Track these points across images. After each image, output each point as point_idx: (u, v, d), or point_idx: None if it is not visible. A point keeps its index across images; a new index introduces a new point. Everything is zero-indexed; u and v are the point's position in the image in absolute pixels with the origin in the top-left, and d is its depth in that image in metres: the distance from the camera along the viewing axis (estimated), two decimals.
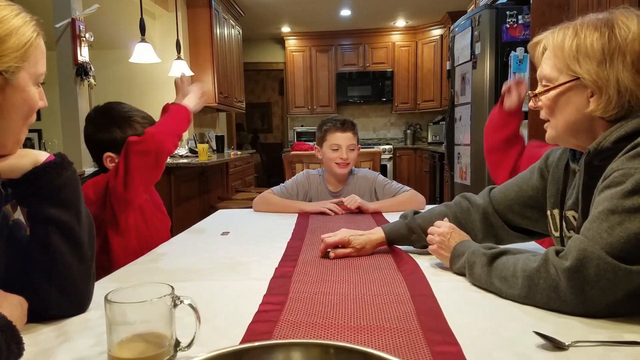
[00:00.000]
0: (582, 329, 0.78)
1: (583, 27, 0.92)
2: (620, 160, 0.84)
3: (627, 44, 0.87)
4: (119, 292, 0.68)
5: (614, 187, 0.82)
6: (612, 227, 0.79)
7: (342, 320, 0.83)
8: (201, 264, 1.24)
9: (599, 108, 0.90)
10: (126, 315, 0.66)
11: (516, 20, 3.02)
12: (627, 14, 0.90)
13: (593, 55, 0.89)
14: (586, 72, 0.90)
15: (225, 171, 4.75)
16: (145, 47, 3.50)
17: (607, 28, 0.89)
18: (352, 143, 2.05)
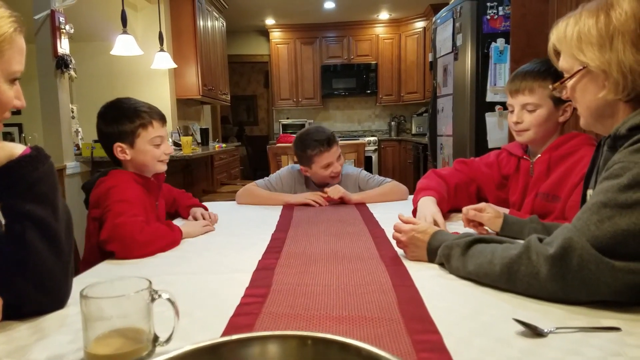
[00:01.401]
0: (561, 315, 0.79)
1: (582, 15, 0.92)
2: (622, 153, 0.83)
3: (622, 24, 0.86)
4: (95, 287, 0.67)
5: (612, 179, 0.81)
6: (601, 221, 0.78)
7: (324, 311, 0.83)
8: (184, 257, 1.24)
9: (610, 91, 0.89)
10: (103, 310, 0.65)
11: (497, 12, 3.04)
12: None
13: (593, 40, 0.89)
14: (590, 59, 0.89)
15: (210, 164, 4.72)
16: (127, 39, 3.44)
17: (603, 12, 0.88)
18: (339, 154, 2.03)
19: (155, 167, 1.50)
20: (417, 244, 1.11)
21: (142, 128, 1.45)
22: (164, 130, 1.52)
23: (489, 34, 3.06)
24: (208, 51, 5.08)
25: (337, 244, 1.31)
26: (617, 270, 0.76)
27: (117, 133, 1.44)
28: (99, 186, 1.40)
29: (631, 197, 0.77)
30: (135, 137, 1.44)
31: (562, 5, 2.17)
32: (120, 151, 1.45)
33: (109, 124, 1.45)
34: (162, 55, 4.04)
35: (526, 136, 1.44)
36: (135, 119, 1.44)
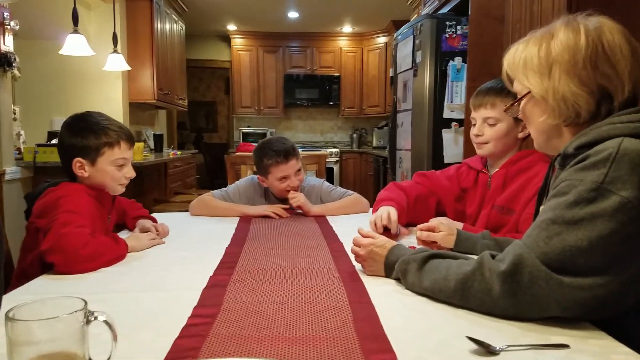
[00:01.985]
0: (513, 332, 0.79)
1: (529, 42, 0.95)
2: (569, 171, 0.85)
3: (558, 54, 0.89)
4: (24, 307, 0.61)
5: (560, 196, 0.83)
6: (550, 237, 0.80)
7: (277, 332, 0.79)
8: (127, 273, 1.16)
9: (550, 117, 0.93)
10: (31, 333, 0.59)
11: (455, 31, 3.12)
12: (563, 23, 0.92)
13: (534, 68, 0.93)
14: (532, 85, 0.93)
15: (164, 172, 4.57)
16: (78, 38, 3.29)
17: (545, 41, 0.92)
18: (298, 168, 1.95)
19: (113, 189, 1.43)
20: (375, 258, 1.09)
21: (108, 147, 1.37)
22: (130, 153, 1.44)
23: (447, 52, 3.13)
24: (165, 54, 4.95)
25: (295, 258, 1.28)
26: (566, 286, 0.77)
27: (80, 147, 1.35)
28: (46, 195, 1.31)
29: (577, 213, 0.79)
30: (99, 155, 1.36)
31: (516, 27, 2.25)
32: (79, 167, 1.36)
33: (73, 136, 1.36)
34: (115, 56, 3.90)
35: (486, 149, 1.49)
36: (102, 136, 1.36)
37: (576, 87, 0.88)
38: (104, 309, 0.65)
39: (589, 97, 0.88)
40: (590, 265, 0.77)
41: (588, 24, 0.90)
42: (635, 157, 0.78)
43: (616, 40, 0.88)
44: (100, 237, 1.24)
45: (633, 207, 0.76)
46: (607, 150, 0.80)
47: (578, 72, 0.88)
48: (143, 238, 1.42)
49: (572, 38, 0.89)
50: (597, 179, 0.79)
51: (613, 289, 0.77)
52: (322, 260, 1.25)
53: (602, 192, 0.78)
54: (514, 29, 2.30)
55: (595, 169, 0.80)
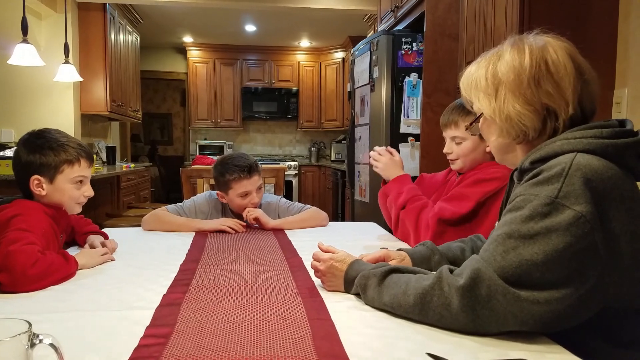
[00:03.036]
0: (472, 347, 0.80)
1: (481, 63, 0.97)
2: (524, 186, 0.86)
3: (503, 74, 0.91)
4: None
5: (515, 211, 0.84)
6: (506, 251, 0.80)
7: (234, 352, 0.77)
8: (75, 291, 1.11)
9: (500, 136, 0.96)
10: None
11: (411, 47, 3.20)
12: (510, 44, 0.94)
13: (483, 90, 0.95)
14: (483, 106, 0.96)
15: (116, 185, 4.42)
16: (27, 48, 3.17)
17: (492, 62, 0.94)
18: (260, 184, 1.93)
19: (70, 208, 1.39)
20: (334, 273, 1.08)
21: (68, 164, 1.33)
22: (89, 172, 1.40)
23: (404, 68, 3.20)
24: (119, 66, 4.83)
25: (252, 274, 1.25)
26: (523, 301, 0.78)
27: (38, 164, 1.30)
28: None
29: (533, 227, 0.79)
30: (58, 173, 1.32)
31: (470, 45, 2.34)
32: (36, 185, 1.31)
33: (31, 153, 1.30)
34: (66, 67, 3.77)
35: (457, 165, 1.61)
36: (62, 153, 1.32)
37: (521, 106, 0.90)
38: (50, 330, 0.61)
39: (533, 116, 0.90)
40: (546, 279, 0.78)
41: (533, 44, 0.92)
42: (587, 172, 0.80)
43: (560, 59, 0.89)
44: (51, 254, 1.18)
45: (586, 222, 0.77)
46: (560, 165, 0.81)
47: (523, 91, 0.90)
48: (93, 255, 1.36)
49: (517, 58, 0.91)
50: (551, 193, 0.80)
51: (569, 303, 0.78)
52: (281, 276, 1.23)
53: (556, 206, 0.79)
54: (468, 46, 2.39)
55: (549, 183, 0.81)
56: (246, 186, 1.88)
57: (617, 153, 0.84)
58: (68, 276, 1.20)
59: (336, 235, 1.81)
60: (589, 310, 0.81)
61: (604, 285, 0.79)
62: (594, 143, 0.84)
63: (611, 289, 0.80)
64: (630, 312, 0.83)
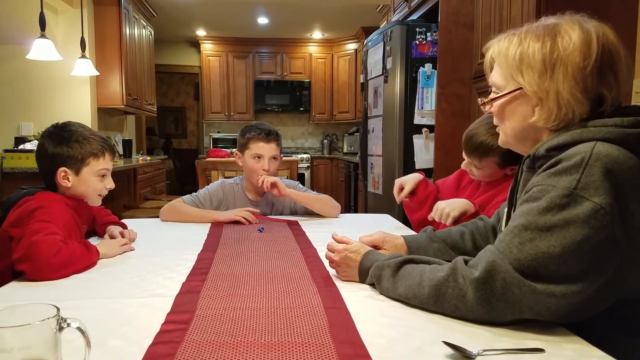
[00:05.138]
0: (487, 336, 0.80)
1: (528, 36, 0.89)
2: (542, 176, 0.83)
3: (568, 54, 0.84)
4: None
5: (532, 202, 0.81)
6: (522, 244, 0.79)
7: (252, 338, 0.79)
8: (98, 280, 1.14)
9: (542, 119, 0.89)
10: (3, 340, 0.57)
11: (425, 37, 3.18)
12: (572, 22, 0.87)
13: (535, 66, 0.87)
14: (528, 83, 0.88)
15: (133, 178, 4.48)
16: (46, 43, 3.21)
17: (549, 37, 0.86)
18: (275, 154, 1.98)
19: (92, 200, 1.43)
20: (349, 263, 1.09)
21: (93, 157, 1.37)
22: (111, 165, 1.45)
23: (418, 59, 3.18)
24: (134, 60, 4.87)
25: (268, 264, 1.27)
26: (538, 294, 0.77)
27: (65, 157, 1.34)
28: (22, 205, 1.28)
29: (550, 219, 0.77)
30: (84, 165, 1.36)
31: (486, 34, 2.31)
32: (63, 176, 1.35)
33: (57, 145, 1.34)
34: (83, 61, 3.82)
35: (478, 178, 1.64)
36: (87, 146, 1.37)
37: (578, 91, 0.84)
38: (75, 316, 0.63)
39: (587, 103, 0.85)
40: (562, 272, 0.76)
41: (593, 27, 0.86)
42: (607, 162, 0.77)
43: (618, 47, 0.86)
44: (73, 243, 1.22)
45: (605, 214, 0.75)
46: (580, 155, 0.79)
47: (584, 77, 0.84)
48: (114, 245, 1.40)
49: (584, 40, 0.84)
50: (569, 184, 0.78)
51: (585, 297, 0.76)
52: (296, 266, 1.25)
53: (575, 198, 0.77)
54: (483, 35, 2.37)
55: (567, 174, 0.79)
56: (261, 149, 1.95)
57: (638, 142, 0.81)
58: (90, 265, 1.24)
59: (349, 227, 1.82)
60: (606, 302, 0.80)
61: (621, 278, 0.78)
62: (614, 132, 0.81)
63: (629, 281, 0.79)
64: None
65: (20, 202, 1.29)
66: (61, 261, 1.14)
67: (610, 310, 0.81)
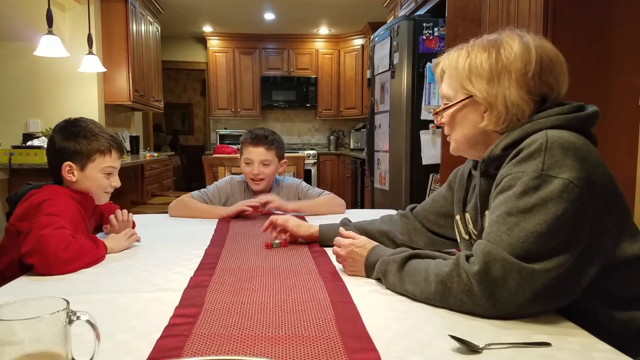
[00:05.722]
0: (493, 331, 0.80)
1: (475, 48, 0.99)
2: (508, 167, 0.90)
3: (510, 62, 0.94)
4: (5, 307, 0.61)
5: (506, 191, 0.88)
6: (510, 229, 0.83)
7: (259, 331, 0.80)
8: (106, 274, 1.15)
9: (491, 123, 0.97)
10: (13, 333, 0.58)
11: (432, 32, 3.17)
12: (512, 35, 0.98)
13: (483, 74, 0.96)
14: (478, 90, 0.97)
15: (140, 174, 4.51)
16: (53, 39, 3.23)
17: (494, 49, 0.97)
18: (265, 158, 1.97)
19: (98, 197, 1.44)
20: (355, 258, 1.10)
21: (100, 154, 1.39)
22: (119, 163, 1.46)
23: (425, 54, 3.17)
24: (141, 56, 4.89)
25: (275, 259, 1.28)
26: (537, 273, 0.80)
27: (72, 151, 1.36)
28: (29, 198, 1.29)
29: (529, 201, 0.83)
30: (89, 161, 1.38)
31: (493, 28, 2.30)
32: (68, 171, 1.37)
33: (65, 140, 1.37)
34: (90, 58, 3.84)
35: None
36: (95, 143, 1.38)
37: (524, 94, 0.94)
38: (84, 310, 0.64)
39: (531, 104, 0.95)
40: (551, 247, 0.81)
41: (532, 38, 0.97)
42: (563, 143, 0.86)
43: (557, 53, 0.97)
44: (81, 238, 1.23)
45: (575, 187, 0.82)
46: (538, 142, 0.87)
47: (527, 81, 0.94)
48: (120, 238, 1.40)
49: (524, 49, 0.94)
50: (536, 167, 0.85)
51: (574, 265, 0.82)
52: (303, 261, 1.25)
53: (545, 178, 0.84)
54: (491, 30, 2.35)
55: (532, 159, 0.86)
56: (249, 153, 1.98)
57: (580, 124, 0.92)
58: (98, 259, 1.25)
59: None
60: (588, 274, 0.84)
61: (595, 246, 0.84)
62: (560, 119, 0.91)
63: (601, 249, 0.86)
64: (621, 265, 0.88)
65: (27, 196, 1.31)
66: (70, 255, 1.15)
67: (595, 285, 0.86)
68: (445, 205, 1.24)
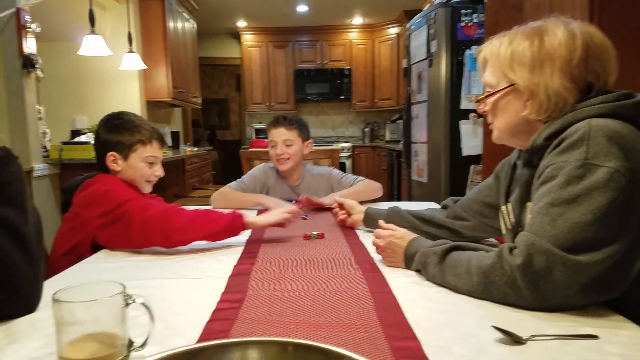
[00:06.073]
0: (537, 323, 0.79)
1: (517, 36, 0.98)
2: (550, 157, 0.89)
3: (554, 50, 0.92)
4: (67, 291, 0.65)
5: (549, 181, 0.86)
6: (554, 220, 0.82)
7: (301, 317, 0.82)
8: (157, 262, 1.21)
9: (533, 111, 0.96)
10: (75, 315, 0.63)
11: (471, 19, 3.10)
12: (557, 22, 0.96)
13: (525, 62, 0.95)
14: (520, 78, 0.96)
15: (182, 168, 4.63)
16: (95, 39, 3.36)
17: (537, 37, 0.95)
18: (286, 138, 2.02)
19: (141, 186, 1.51)
20: (394, 249, 1.11)
21: (141, 144, 1.47)
22: (160, 153, 1.54)
23: (464, 41, 3.11)
24: (178, 53, 5.00)
25: (313, 250, 1.30)
26: (584, 265, 0.78)
27: (115, 142, 1.45)
28: (87, 188, 1.38)
29: (573, 191, 0.82)
30: (131, 151, 1.46)
31: (535, 14, 2.23)
32: (112, 160, 1.46)
33: (108, 132, 1.46)
34: (131, 56, 3.96)
35: None
36: (136, 134, 1.47)
37: (567, 82, 0.92)
38: None
39: (575, 92, 0.93)
40: (598, 238, 0.79)
41: (577, 25, 0.95)
42: (607, 130, 0.83)
43: (604, 40, 0.94)
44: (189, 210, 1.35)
45: (621, 175, 0.80)
46: (580, 130, 0.85)
47: (571, 69, 0.92)
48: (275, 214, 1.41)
49: (569, 35, 0.92)
50: (580, 156, 0.83)
51: (622, 257, 0.79)
52: (341, 252, 1.27)
53: (589, 167, 0.82)
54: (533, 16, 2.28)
55: (575, 148, 0.84)
56: (273, 135, 2.06)
57: (626, 112, 0.88)
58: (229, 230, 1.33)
59: None
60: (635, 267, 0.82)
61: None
62: (604, 107, 0.88)
63: None
64: None
65: (84, 185, 1.39)
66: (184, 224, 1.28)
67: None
68: (490, 195, 1.23)
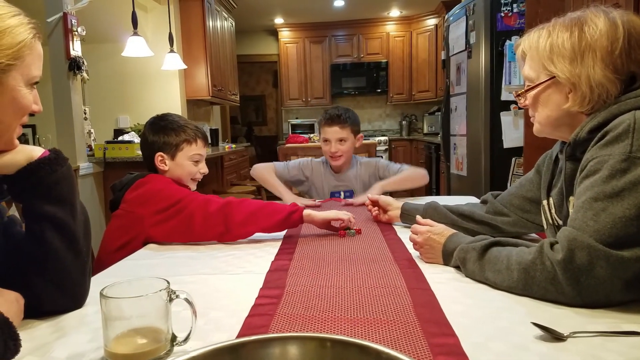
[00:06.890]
0: (578, 319, 0.77)
1: (555, 28, 0.96)
2: (593, 150, 0.87)
3: (595, 40, 0.90)
4: (114, 286, 0.68)
5: (592, 175, 0.84)
6: (597, 214, 0.80)
7: (339, 313, 0.83)
8: (197, 258, 1.24)
9: (576, 104, 0.93)
10: (122, 310, 0.66)
11: (511, 9, 3.01)
12: (597, 12, 0.93)
13: (565, 54, 0.93)
14: (560, 71, 0.94)
15: (220, 165, 4.73)
16: (138, 40, 3.46)
17: (577, 27, 0.93)
18: (340, 137, 2.05)
19: (188, 184, 1.57)
20: (432, 245, 1.10)
21: (186, 143, 1.53)
22: (204, 151, 1.60)
23: (504, 32, 3.03)
24: (217, 51, 5.09)
25: (350, 246, 1.31)
26: (627, 261, 0.76)
27: (162, 143, 1.52)
28: (141, 187, 1.43)
29: (617, 185, 0.80)
30: (178, 150, 1.52)
31: (577, 3, 2.15)
32: (160, 160, 1.52)
33: (155, 133, 1.53)
34: (172, 56, 4.06)
35: None
36: (181, 134, 1.53)
37: (610, 73, 0.89)
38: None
39: (618, 84, 0.90)
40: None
41: (618, 14, 0.91)
42: None
43: None
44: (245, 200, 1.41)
45: None
46: (625, 123, 0.83)
47: (614, 59, 0.89)
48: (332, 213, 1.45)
49: (610, 25, 0.90)
50: (624, 150, 0.81)
51: None
52: (378, 248, 1.27)
53: (633, 160, 0.80)
54: (575, 5, 2.20)
55: (619, 141, 0.82)
56: (326, 133, 2.07)
57: None
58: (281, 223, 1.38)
59: None
60: None
61: None
62: None
63: None
64: None
65: (137, 185, 1.44)
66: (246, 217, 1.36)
67: None
68: (532, 189, 1.20)
